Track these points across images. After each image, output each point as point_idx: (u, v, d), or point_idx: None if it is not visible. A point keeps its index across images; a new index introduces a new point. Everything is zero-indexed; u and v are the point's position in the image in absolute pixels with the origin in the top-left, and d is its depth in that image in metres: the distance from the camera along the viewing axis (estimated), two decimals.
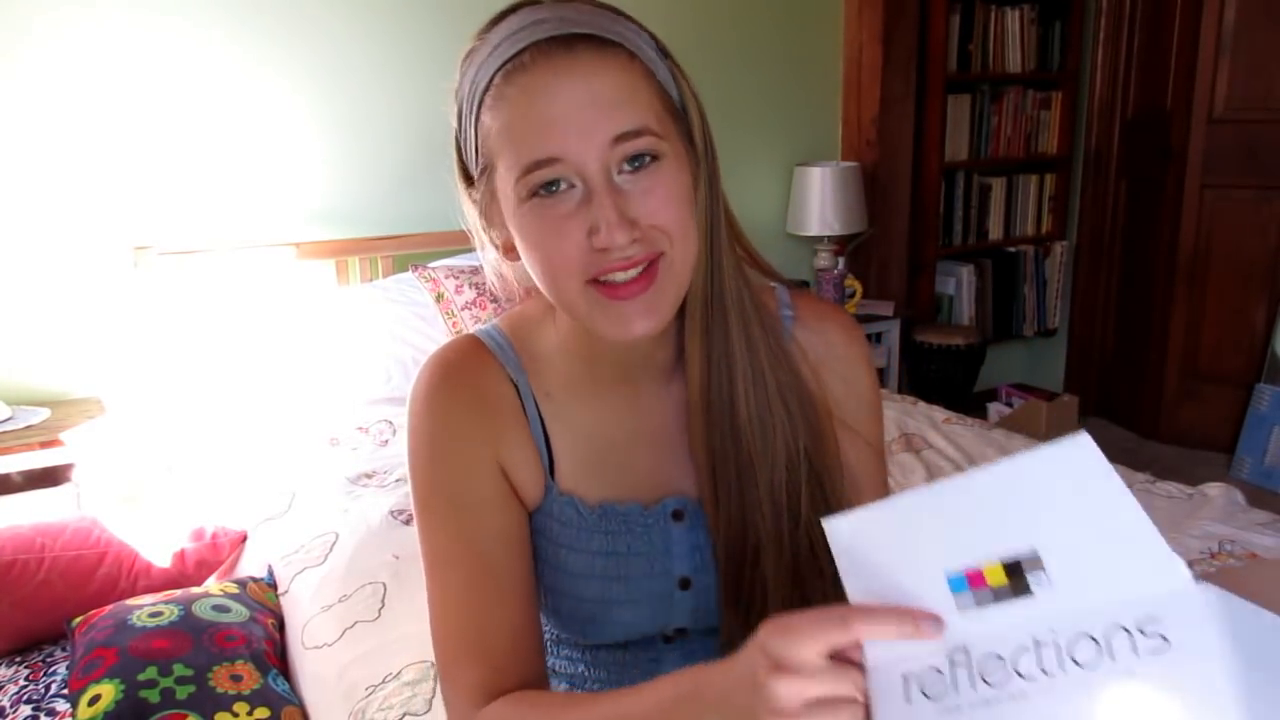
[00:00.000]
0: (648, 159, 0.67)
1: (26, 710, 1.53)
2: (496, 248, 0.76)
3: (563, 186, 0.66)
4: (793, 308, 0.83)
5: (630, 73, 0.67)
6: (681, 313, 0.74)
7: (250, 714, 1.31)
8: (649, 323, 0.69)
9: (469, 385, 0.78)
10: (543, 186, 0.66)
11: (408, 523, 1.73)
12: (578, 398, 0.80)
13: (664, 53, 0.71)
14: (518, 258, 0.74)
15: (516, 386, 0.79)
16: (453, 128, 0.74)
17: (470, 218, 0.77)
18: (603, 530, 0.78)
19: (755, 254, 0.78)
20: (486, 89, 0.67)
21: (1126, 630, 0.45)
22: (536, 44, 0.65)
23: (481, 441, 0.77)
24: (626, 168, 0.66)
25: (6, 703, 1.55)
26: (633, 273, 0.67)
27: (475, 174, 0.73)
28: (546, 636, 0.87)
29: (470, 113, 0.70)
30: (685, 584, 0.79)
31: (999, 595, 0.49)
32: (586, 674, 0.86)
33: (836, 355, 0.82)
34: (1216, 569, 1.51)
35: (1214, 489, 1.81)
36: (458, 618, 0.75)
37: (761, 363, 0.75)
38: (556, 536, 0.79)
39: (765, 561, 0.75)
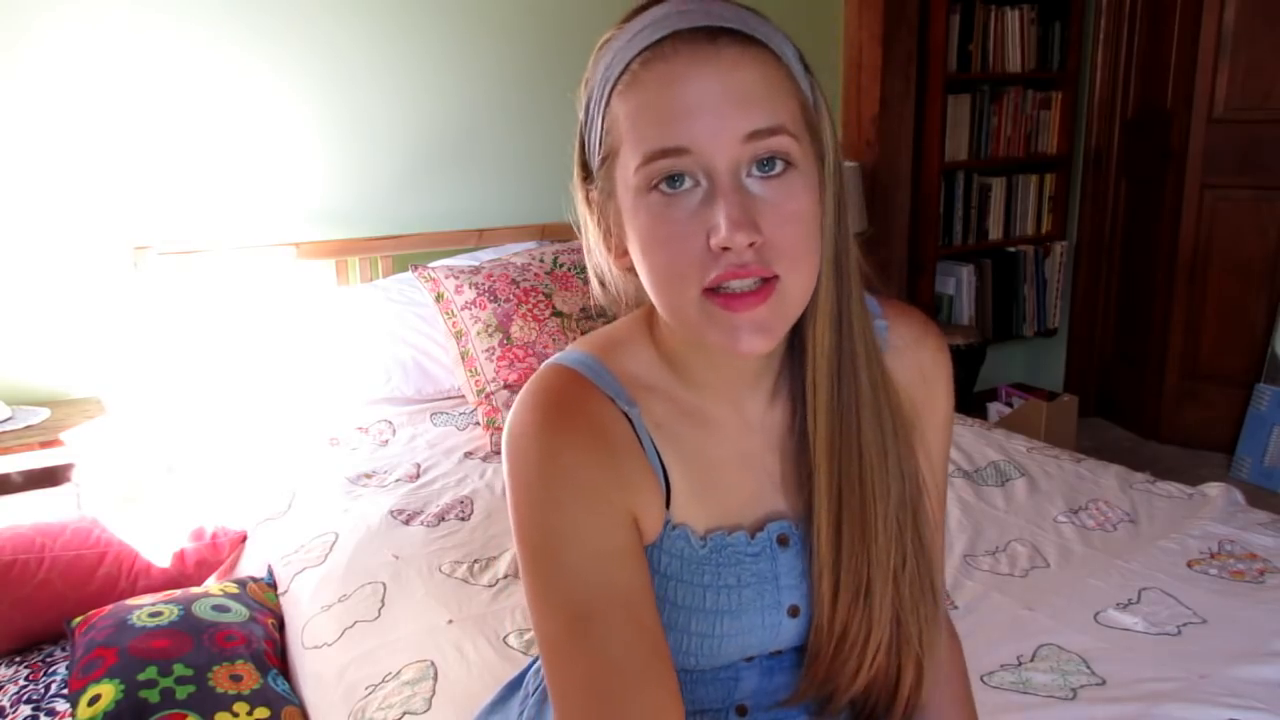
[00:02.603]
0: (779, 165, 0.64)
1: (26, 710, 1.53)
2: (607, 251, 0.73)
3: (687, 184, 0.64)
4: (885, 317, 0.81)
5: (771, 72, 0.65)
6: (791, 335, 0.72)
7: (250, 714, 1.31)
8: (760, 341, 0.66)
9: (585, 424, 0.71)
10: (665, 180, 0.64)
11: (407, 523, 1.73)
12: (682, 422, 0.76)
13: (805, 65, 0.70)
14: (629, 265, 0.71)
15: (628, 419, 0.73)
16: (579, 120, 0.72)
17: (582, 217, 0.74)
18: (713, 563, 0.75)
19: (869, 273, 0.75)
20: (621, 74, 0.65)
21: None
22: (679, 33, 0.64)
23: (613, 486, 0.70)
24: (756, 171, 0.64)
25: (6, 703, 1.55)
26: (749, 283, 0.64)
27: (595, 165, 0.70)
28: None
29: (600, 99, 0.68)
30: (794, 612, 0.78)
31: None
32: None
33: (925, 370, 0.81)
34: None
35: (1214, 489, 1.81)
36: (610, 687, 0.65)
37: (879, 388, 0.74)
38: (666, 569, 0.75)
39: (875, 589, 0.75)
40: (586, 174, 0.72)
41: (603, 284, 0.77)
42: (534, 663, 0.97)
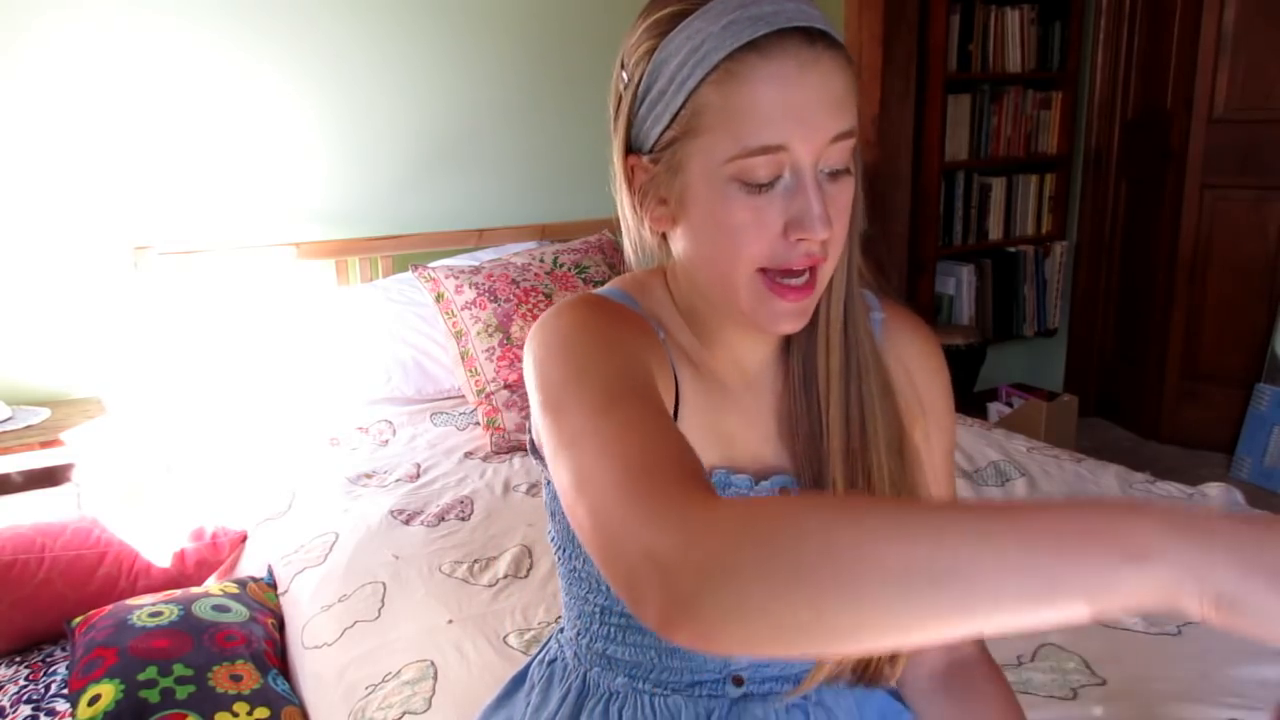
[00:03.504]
0: (842, 170, 0.70)
1: (26, 710, 1.53)
2: (640, 213, 0.75)
3: (778, 181, 0.68)
4: (881, 310, 0.85)
5: (850, 77, 0.69)
6: None
7: (250, 714, 1.31)
8: (798, 323, 0.73)
9: (619, 315, 0.75)
10: (756, 176, 0.68)
11: (407, 523, 1.73)
12: (699, 366, 0.81)
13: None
14: (668, 229, 0.75)
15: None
16: (626, 82, 0.73)
17: (618, 178, 0.76)
18: None
19: (863, 263, 0.80)
20: (717, 64, 0.67)
21: None
22: (780, 31, 0.66)
23: (643, 350, 0.72)
24: (823, 172, 0.69)
25: (6, 703, 1.55)
26: (802, 279, 0.71)
27: (658, 138, 0.71)
28: (616, 623, 0.83)
29: (685, 80, 0.68)
30: None
31: None
32: (655, 662, 0.83)
33: (918, 364, 0.84)
34: None
35: (1214, 489, 1.81)
36: (636, 454, 0.58)
37: (874, 353, 0.79)
38: None
39: None
40: (629, 139, 0.74)
41: (634, 244, 0.80)
42: (538, 654, 0.98)
